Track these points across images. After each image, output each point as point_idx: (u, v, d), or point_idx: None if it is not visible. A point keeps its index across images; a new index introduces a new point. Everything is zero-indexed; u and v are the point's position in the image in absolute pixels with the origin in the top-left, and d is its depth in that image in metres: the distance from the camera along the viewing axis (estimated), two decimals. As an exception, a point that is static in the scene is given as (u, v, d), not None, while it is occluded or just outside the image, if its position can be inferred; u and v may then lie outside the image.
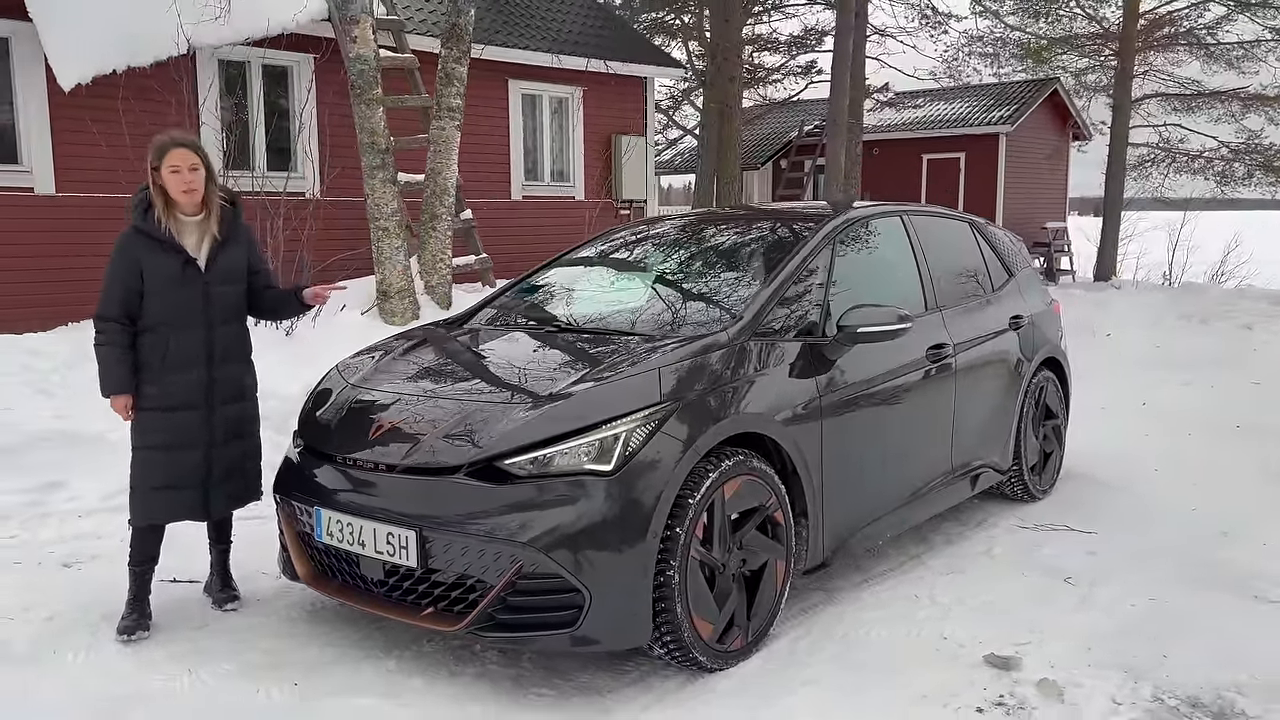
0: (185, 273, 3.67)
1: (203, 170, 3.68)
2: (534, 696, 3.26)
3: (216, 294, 3.73)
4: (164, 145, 3.66)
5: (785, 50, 21.68)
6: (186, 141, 3.70)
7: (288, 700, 3.20)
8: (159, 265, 3.65)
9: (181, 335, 3.67)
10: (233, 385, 3.80)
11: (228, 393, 3.78)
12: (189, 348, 3.68)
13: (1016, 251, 5.72)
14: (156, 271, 3.65)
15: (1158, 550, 4.66)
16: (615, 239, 4.95)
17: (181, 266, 3.66)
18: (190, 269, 3.68)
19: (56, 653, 3.51)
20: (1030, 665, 3.48)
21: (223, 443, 3.77)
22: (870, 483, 4.13)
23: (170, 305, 3.66)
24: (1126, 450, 6.61)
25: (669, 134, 23.51)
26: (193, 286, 3.69)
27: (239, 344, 3.85)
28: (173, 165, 3.63)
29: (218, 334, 3.74)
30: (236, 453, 3.83)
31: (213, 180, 3.74)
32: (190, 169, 3.64)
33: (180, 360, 3.67)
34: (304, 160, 10.42)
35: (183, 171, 3.63)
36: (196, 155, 3.67)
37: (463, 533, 3.15)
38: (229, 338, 3.79)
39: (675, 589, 3.19)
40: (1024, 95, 20.59)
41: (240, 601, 3.97)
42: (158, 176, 3.65)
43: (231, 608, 3.93)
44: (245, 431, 3.88)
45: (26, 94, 8.81)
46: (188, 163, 3.64)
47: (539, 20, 12.78)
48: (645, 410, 3.24)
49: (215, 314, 3.73)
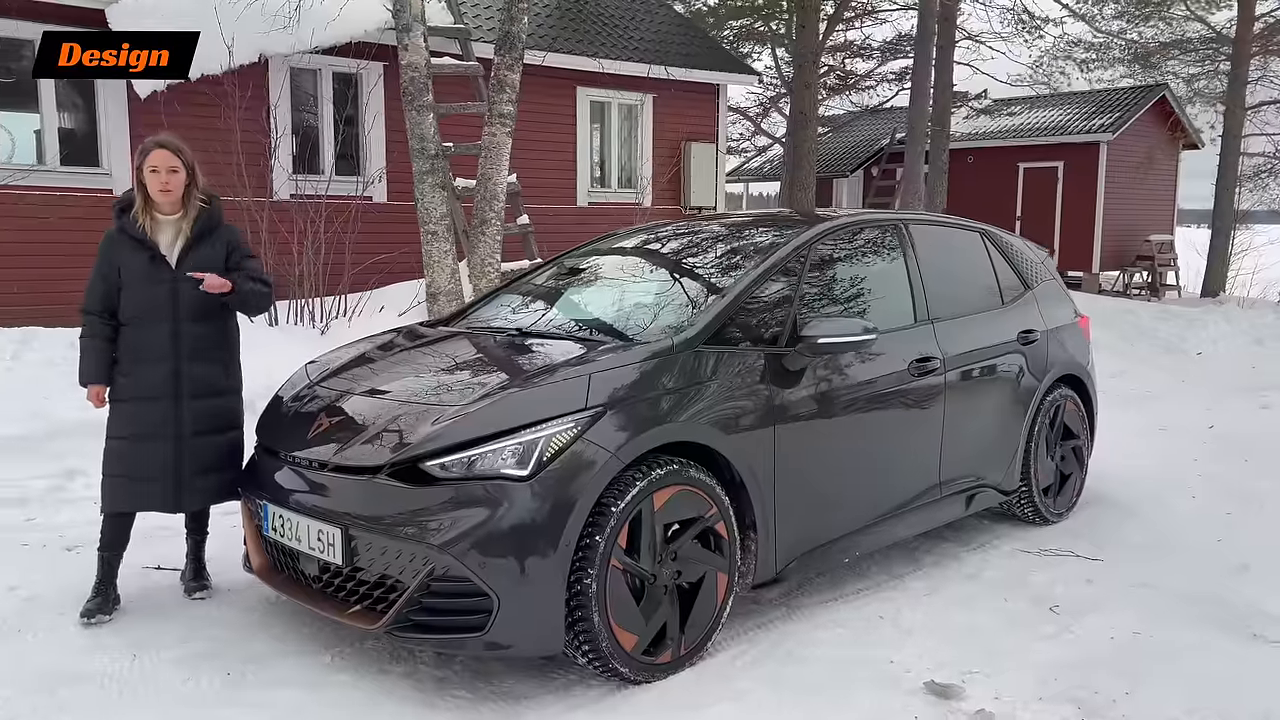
0: (154, 269, 3.79)
1: (182, 172, 3.80)
2: (451, 699, 3.27)
3: (185, 290, 3.81)
4: (146, 146, 3.79)
5: (878, 56, 21.28)
6: (168, 143, 3.81)
7: (213, 689, 3.29)
8: (132, 261, 3.79)
9: (150, 329, 3.79)
10: (204, 380, 3.87)
11: (198, 387, 3.84)
12: (156, 342, 3.79)
13: (1037, 264, 5.48)
14: (130, 267, 3.79)
15: (1163, 582, 4.41)
16: (603, 245, 4.94)
17: (150, 262, 3.78)
18: (159, 265, 3.79)
19: (21, 631, 3.68)
20: (973, 695, 3.33)
21: (192, 435, 3.83)
22: (834, 498, 4.01)
23: (140, 300, 3.79)
24: (1168, 474, 6.26)
25: (757, 141, 23.35)
26: (161, 283, 3.79)
27: (213, 340, 3.91)
28: (152, 166, 3.76)
29: (186, 329, 3.81)
30: (210, 447, 3.88)
31: (194, 181, 3.84)
32: (169, 170, 3.77)
33: (148, 354, 3.79)
34: (369, 164, 10.72)
35: (160, 172, 3.76)
36: (176, 157, 3.79)
37: (383, 533, 3.19)
38: (200, 334, 3.86)
39: (593, 598, 3.16)
40: (1129, 102, 19.71)
41: (210, 591, 4.07)
42: (140, 175, 3.78)
43: (200, 596, 4.03)
44: (220, 426, 3.93)
45: (107, 101, 9.30)
46: (166, 164, 3.76)
47: (610, 28, 12.86)
48: (568, 416, 3.22)
49: (183, 310, 3.81)
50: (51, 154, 9.16)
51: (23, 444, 5.54)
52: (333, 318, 8.14)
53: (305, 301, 8.28)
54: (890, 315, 4.39)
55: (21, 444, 5.54)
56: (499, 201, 9.10)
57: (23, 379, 6.41)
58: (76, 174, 9.15)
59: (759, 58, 21.96)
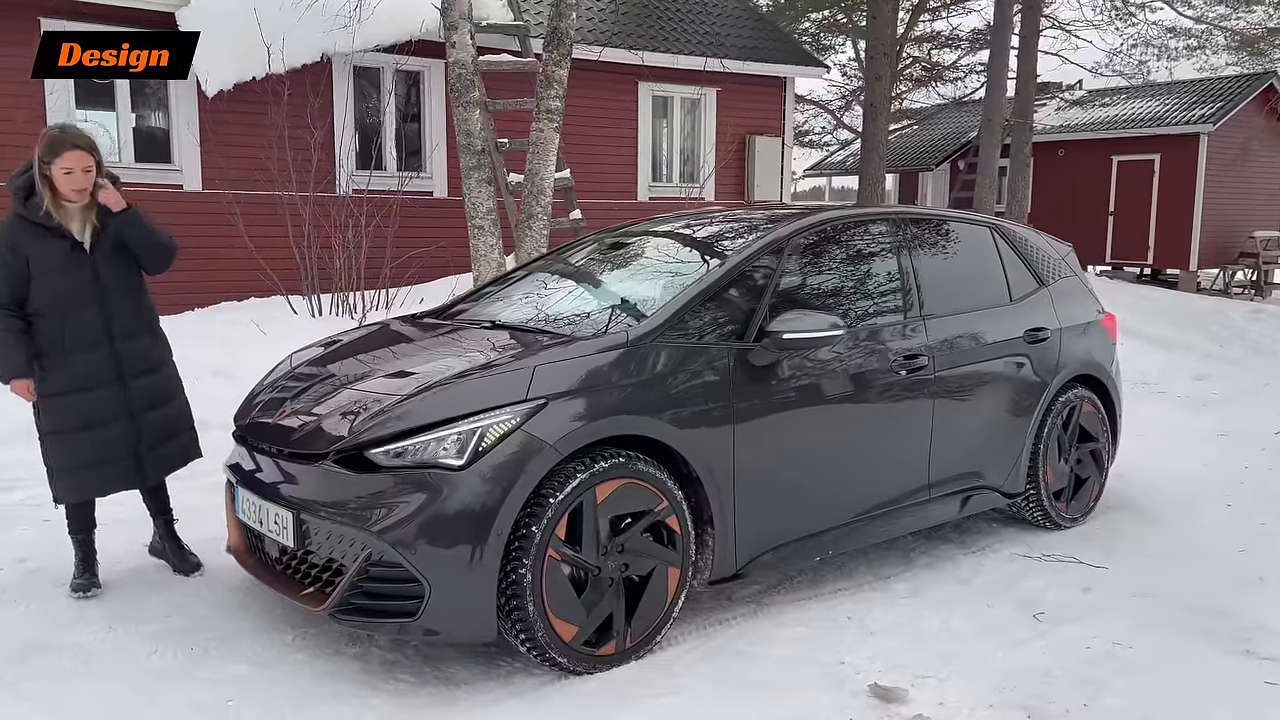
0: (73, 256, 3.76)
1: (94, 169, 3.74)
2: (394, 681, 3.35)
3: (106, 273, 3.81)
4: (57, 144, 3.69)
5: (966, 47, 20.73)
6: (82, 143, 3.73)
7: (172, 663, 3.43)
8: (45, 251, 3.73)
9: (76, 317, 3.78)
10: (141, 358, 3.91)
11: (137, 366, 3.90)
12: (87, 328, 3.79)
13: (1056, 260, 5.29)
14: (43, 257, 3.73)
15: (1168, 592, 4.22)
16: (595, 240, 4.96)
17: (69, 250, 3.75)
18: (77, 252, 3.77)
19: (16, 601, 3.90)
20: (917, 700, 3.25)
21: (143, 411, 3.91)
22: (803, 495, 3.95)
23: (60, 289, 3.75)
24: (1210, 481, 5.98)
25: (839, 134, 23.01)
26: (82, 269, 3.77)
27: (139, 317, 3.93)
28: (65, 167, 3.68)
29: (113, 310, 3.82)
30: (162, 419, 3.98)
31: (100, 171, 3.78)
32: (84, 170, 3.71)
33: (80, 342, 3.79)
34: (430, 161, 10.95)
35: (75, 173, 3.69)
36: (90, 156, 3.72)
37: (329, 517, 3.28)
38: (127, 313, 3.87)
39: (527, 587, 3.19)
40: (1232, 91, 18.77)
41: (203, 569, 4.18)
42: (46, 169, 3.68)
43: (199, 574, 4.14)
44: (166, 398, 4.01)
45: (179, 100, 9.72)
46: (81, 165, 3.70)
47: (673, 22, 12.84)
48: (507, 407, 3.26)
49: (107, 292, 3.81)
50: (126, 151, 9.63)
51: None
52: (371, 309, 8.35)
53: (346, 294, 8.52)
54: (876, 311, 4.31)
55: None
56: (546, 196, 9.19)
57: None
58: (149, 170, 9.60)
59: (842, 50, 21.64)
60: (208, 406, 5.48)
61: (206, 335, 7.52)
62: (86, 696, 3.19)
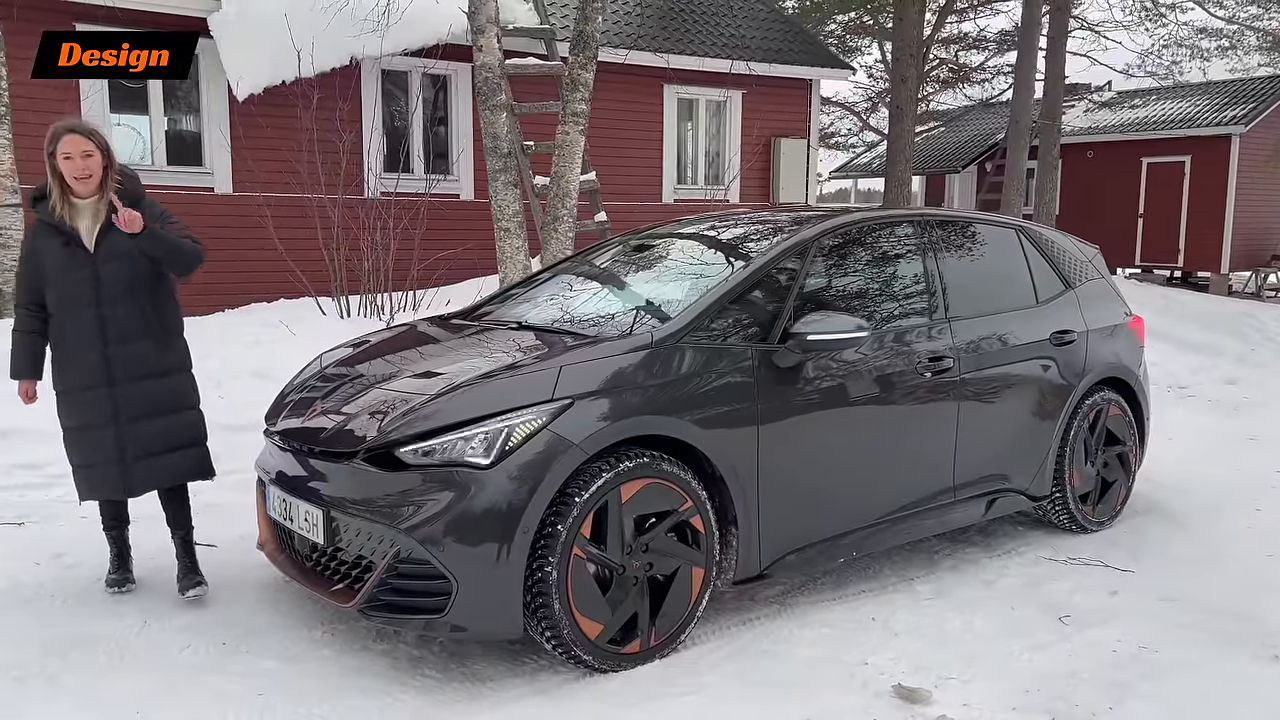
0: (72, 255, 3.73)
1: (97, 155, 3.70)
2: (421, 677, 3.39)
3: (106, 273, 3.74)
4: (57, 131, 3.70)
5: (993, 48, 20.62)
6: (79, 128, 3.72)
7: (204, 657, 3.49)
8: (51, 250, 3.75)
9: (75, 317, 3.75)
10: (137, 363, 3.79)
11: (132, 371, 3.78)
12: (82, 329, 3.75)
13: (1084, 262, 5.27)
14: (50, 256, 3.75)
15: (1195, 596, 4.20)
16: (618, 242, 4.99)
17: (66, 248, 3.73)
18: (77, 250, 3.73)
19: (54, 596, 3.98)
20: (941, 701, 3.26)
21: (138, 419, 3.80)
22: (827, 497, 3.97)
23: (62, 289, 3.75)
24: (1239, 485, 5.93)
25: (865, 136, 22.94)
26: (81, 267, 3.73)
27: (142, 321, 3.81)
28: (65, 152, 3.67)
29: (111, 313, 3.75)
30: (158, 431, 3.84)
31: (111, 164, 3.76)
32: (83, 155, 3.67)
33: (76, 341, 3.76)
34: (457, 163, 11.03)
35: (74, 158, 3.66)
36: (89, 141, 3.69)
37: (358, 515, 3.33)
38: (127, 316, 3.78)
39: (553, 585, 3.23)
40: (1264, 92, 18.56)
41: (205, 589, 3.98)
42: (53, 161, 3.69)
43: (195, 594, 3.93)
44: (166, 409, 3.87)
45: (210, 104, 9.86)
46: (79, 149, 3.67)
47: (699, 24, 12.87)
48: (533, 407, 3.30)
49: (105, 294, 3.74)
50: (159, 154, 9.78)
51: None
52: (399, 310, 8.43)
53: (373, 296, 8.61)
54: (901, 313, 4.32)
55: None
56: (571, 199, 9.24)
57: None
58: (181, 173, 9.74)
59: (868, 51, 21.58)
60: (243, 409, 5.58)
61: (235, 337, 7.62)
62: (121, 690, 3.26)
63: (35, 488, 5.26)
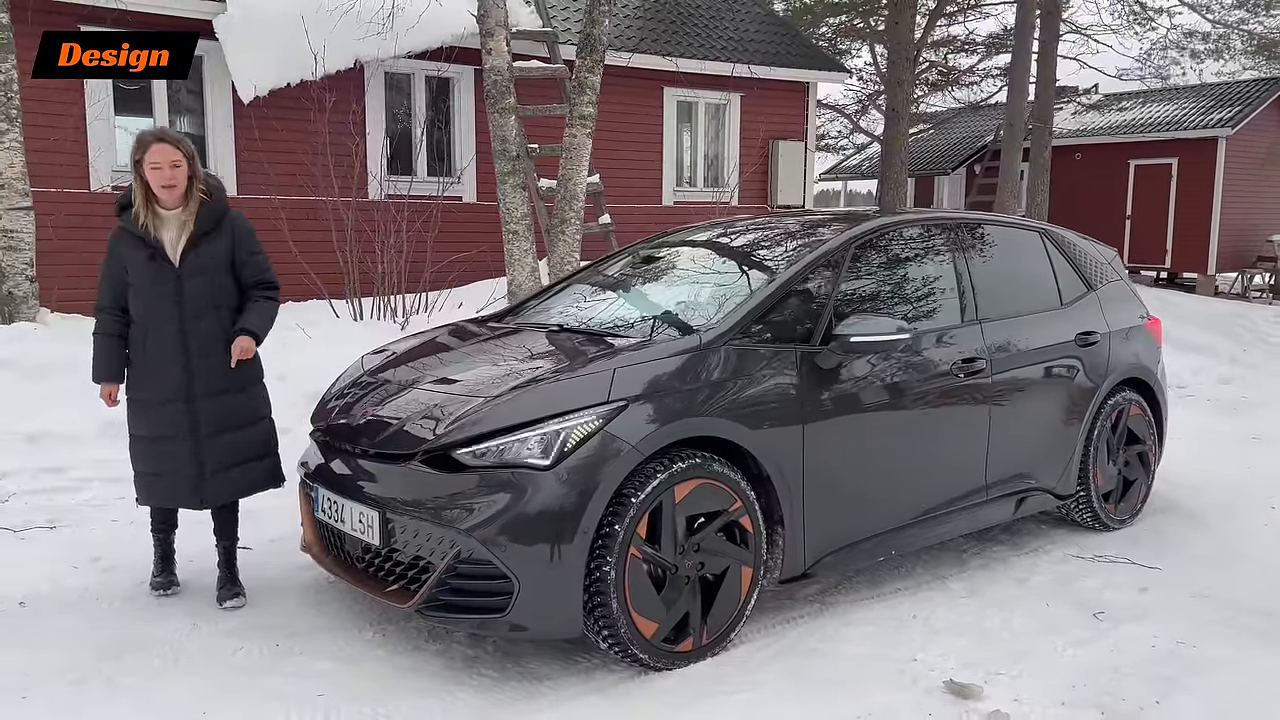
0: (157, 268, 3.73)
1: (185, 166, 3.70)
2: (478, 676, 3.43)
3: (190, 289, 3.74)
4: (145, 140, 3.69)
5: (982, 51, 20.80)
6: (167, 137, 3.71)
7: (258, 659, 3.51)
8: (136, 260, 3.74)
9: (157, 331, 3.75)
10: (218, 376, 3.80)
11: (212, 386, 3.80)
12: (164, 343, 3.75)
13: (1103, 264, 5.36)
14: (134, 267, 3.75)
15: (1222, 594, 4.28)
16: (647, 246, 5.04)
17: (152, 261, 3.72)
18: (161, 264, 3.73)
19: (99, 599, 3.98)
20: (993, 696, 3.32)
21: (216, 433, 3.81)
22: (869, 496, 4.03)
23: (146, 301, 3.76)
24: (1250, 484, 6.03)
25: (855, 139, 23.08)
26: (165, 282, 3.73)
27: (223, 335, 3.82)
28: (153, 162, 3.66)
29: (194, 328, 3.75)
30: (234, 443, 3.86)
31: (196, 174, 3.76)
32: (171, 165, 3.67)
33: (158, 355, 3.76)
34: (460, 166, 11.04)
35: (163, 168, 3.66)
36: (177, 150, 3.68)
37: (416, 516, 3.36)
38: (207, 331, 3.79)
39: (611, 584, 3.27)
40: (1250, 95, 18.79)
41: (243, 600, 3.97)
42: (140, 170, 3.69)
43: (232, 605, 3.92)
44: (240, 422, 3.89)
45: (214, 106, 9.82)
46: (168, 159, 3.66)
47: (697, 28, 12.93)
48: (590, 409, 3.34)
49: (189, 309, 3.75)
50: (163, 157, 9.72)
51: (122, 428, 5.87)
52: (413, 313, 8.43)
53: (387, 298, 8.60)
54: (935, 315, 4.38)
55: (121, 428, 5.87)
56: (579, 201, 9.28)
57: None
58: (185, 175, 9.69)
59: (858, 54, 21.71)
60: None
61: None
62: (178, 692, 3.27)
63: (63, 491, 5.26)
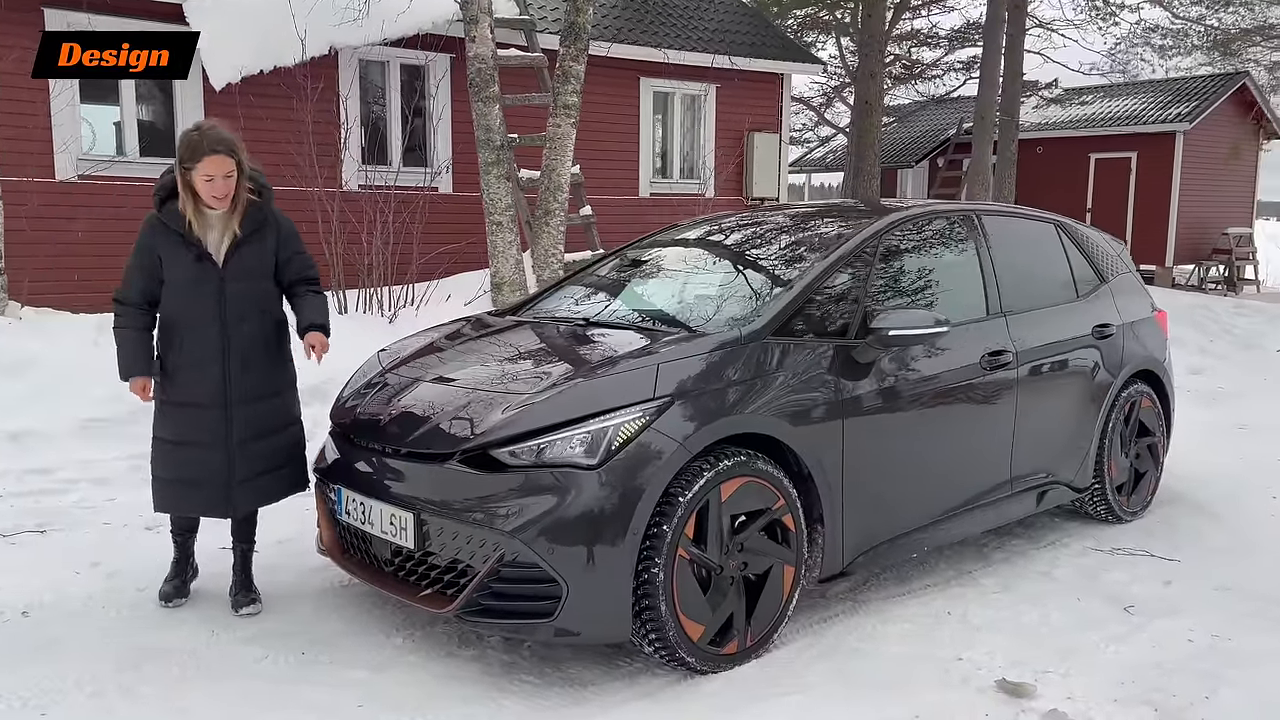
0: (201, 269, 3.56)
1: (236, 174, 3.52)
2: (519, 683, 3.31)
3: (233, 291, 3.59)
4: (197, 148, 3.46)
5: (946, 45, 20.92)
6: (222, 148, 3.48)
7: (285, 668, 3.36)
8: (177, 259, 3.56)
9: (196, 333, 3.58)
10: (256, 383, 3.65)
11: (250, 391, 3.64)
12: (204, 346, 3.58)
13: (1115, 256, 5.36)
14: (174, 265, 3.57)
15: (1244, 585, 4.29)
16: (667, 237, 4.93)
17: (196, 261, 3.56)
18: (206, 265, 3.57)
19: (105, 607, 3.79)
20: (1046, 695, 3.27)
21: (248, 440, 3.64)
22: (903, 492, 3.97)
23: (185, 302, 3.58)
24: (1247, 474, 6.09)
25: (820, 131, 23.13)
26: (208, 283, 3.57)
27: (261, 340, 3.68)
28: (206, 174, 3.46)
29: (235, 332, 3.60)
30: (265, 450, 3.70)
31: (244, 176, 3.58)
32: (225, 176, 3.49)
33: (195, 358, 3.58)
34: (436, 155, 10.83)
35: (216, 180, 3.48)
36: (231, 159, 3.49)
37: (454, 518, 3.23)
38: (250, 335, 3.64)
39: (659, 586, 3.16)
40: (1207, 91, 19.12)
41: (259, 606, 3.81)
42: (188, 175, 3.48)
43: (249, 611, 3.77)
44: (275, 428, 3.74)
45: (184, 94, 9.52)
46: (222, 171, 3.48)
47: (674, 18, 12.81)
48: (636, 406, 3.23)
49: (231, 312, 3.59)
50: (131, 145, 9.42)
51: (105, 426, 5.69)
52: (400, 306, 8.24)
53: (374, 290, 8.39)
54: (962, 308, 4.33)
55: (104, 426, 5.69)
56: (563, 192, 9.13)
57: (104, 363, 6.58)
58: (154, 165, 9.37)
59: (823, 47, 21.74)
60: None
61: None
62: (205, 703, 3.12)
63: (51, 493, 5.04)
